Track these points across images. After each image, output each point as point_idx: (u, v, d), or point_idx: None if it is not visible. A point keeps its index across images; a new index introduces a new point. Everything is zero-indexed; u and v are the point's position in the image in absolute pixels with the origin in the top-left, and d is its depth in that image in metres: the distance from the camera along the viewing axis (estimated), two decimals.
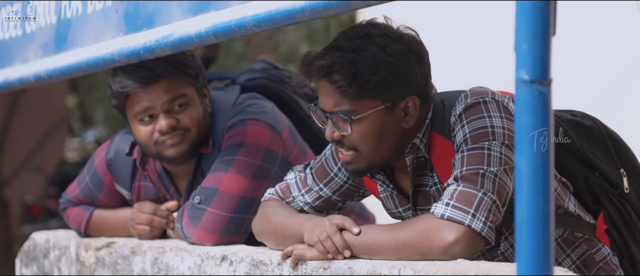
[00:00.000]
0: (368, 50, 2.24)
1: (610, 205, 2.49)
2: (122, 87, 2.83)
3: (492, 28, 4.79)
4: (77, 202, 3.20)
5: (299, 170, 2.56)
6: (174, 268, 2.72)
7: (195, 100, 2.86)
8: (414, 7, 5.19)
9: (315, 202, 2.52)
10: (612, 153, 2.54)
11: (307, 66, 2.29)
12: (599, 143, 2.52)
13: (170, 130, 2.81)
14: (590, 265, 2.45)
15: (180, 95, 2.83)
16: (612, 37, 4.45)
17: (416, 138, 2.31)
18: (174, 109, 2.83)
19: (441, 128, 2.31)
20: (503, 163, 2.18)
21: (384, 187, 2.46)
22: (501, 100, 2.26)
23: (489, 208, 2.13)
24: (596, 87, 4.51)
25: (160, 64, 2.79)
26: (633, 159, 2.57)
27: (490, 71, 4.69)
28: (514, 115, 2.20)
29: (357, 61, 2.23)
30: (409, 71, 2.26)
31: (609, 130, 2.56)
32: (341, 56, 2.24)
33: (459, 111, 2.25)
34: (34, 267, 3.42)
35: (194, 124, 2.84)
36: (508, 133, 2.21)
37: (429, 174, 2.36)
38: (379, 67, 2.23)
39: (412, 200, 2.40)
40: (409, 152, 2.32)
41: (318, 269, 2.25)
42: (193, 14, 2.39)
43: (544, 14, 1.58)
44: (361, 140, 2.27)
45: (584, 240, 2.44)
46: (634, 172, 2.56)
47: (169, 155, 2.86)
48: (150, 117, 2.83)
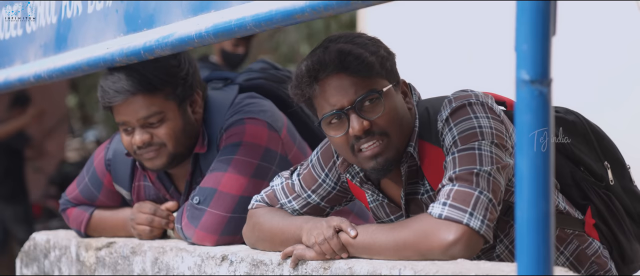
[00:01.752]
0: (358, 40, 2.30)
1: (597, 198, 2.52)
2: (102, 98, 2.86)
3: (492, 28, 4.79)
4: (76, 203, 3.20)
5: (285, 177, 2.56)
6: (174, 268, 2.72)
7: (173, 114, 2.85)
8: (414, 7, 5.19)
9: (303, 208, 2.53)
10: (596, 146, 2.57)
11: (314, 72, 2.27)
12: (582, 138, 2.55)
13: (145, 146, 2.83)
14: (583, 260, 2.47)
15: (154, 113, 2.82)
16: (612, 37, 4.45)
17: (410, 147, 2.32)
18: (150, 124, 2.83)
19: (429, 136, 2.32)
20: (495, 162, 2.18)
21: (373, 196, 2.47)
22: (485, 101, 2.28)
23: (486, 206, 2.13)
24: (596, 87, 4.51)
25: (136, 79, 2.79)
26: (616, 151, 2.60)
27: (490, 71, 4.69)
28: (499, 114, 2.24)
29: (359, 46, 2.27)
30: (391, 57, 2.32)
31: (591, 124, 2.59)
32: (342, 47, 2.27)
33: (445, 116, 2.26)
34: (34, 267, 3.42)
35: (170, 139, 2.84)
36: (496, 132, 2.22)
37: (420, 182, 2.37)
38: (376, 48, 2.28)
39: (405, 209, 2.41)
40: (404, 161, 2.33)
41: (318, 269, 2.25)
42: (193, 14, 2.39)
43: (544, 14, 1.58)
44: (389, 121, 2.26)
45: (574, 236, 2.46)
46: (617, 163, 2.59)
47: (148, 167, 2.90)
48: (130, 128, 2.85)
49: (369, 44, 2.29)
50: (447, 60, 5.14)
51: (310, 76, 2.27)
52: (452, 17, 5.15)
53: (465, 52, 5.08)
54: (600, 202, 2.51)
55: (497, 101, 2.41)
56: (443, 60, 5.18)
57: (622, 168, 2.59)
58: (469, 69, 5.00)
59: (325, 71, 2.26)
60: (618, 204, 2.54)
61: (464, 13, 5.06)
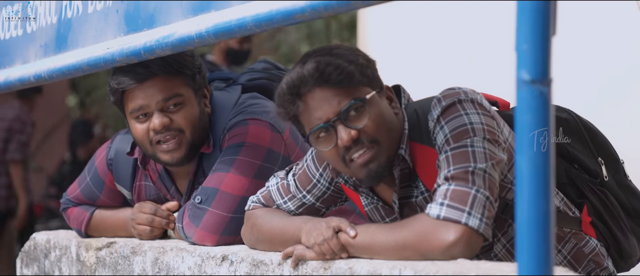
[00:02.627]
0: (336, 51, 2.29)
1: (592, 195, 2.53)
2: (118, 84, 2.83)
3: (492, 28, 4.79)
4: (77, 202, 3.20)
5: (280, 177, 2.56)
6: (175, 268, 2.72)
7: (191, 101, 2.86)
8: (414, 7, 5.19)
9: (299, 209, 2.53)
10: (589, 143, 2.57)
11: (295, 88, 2.25)
12: (575, 135, 2.56)
13: (164, 130, 2.81)
14: (581, 258, 2.47)
15: (175, 95, 2.82)
16: (612, 37, 4.45)
17: (401, 150, 2.32)
18: (169, 109, 2.82)
19: (419, 137, 2.32)
20: (489, 158, 2.18)
21: (368, 199, 2.47)
22: (474, 98, 2.28)
23: (484, 204, 2.13)
24: (596, 87, 4.51)
25: (157, 62, 2.78)
26: (609, 146, 2.61)
27: (490, 71, 4.69)
28: (489, 110, 2.24)
29: (337, 56, 2.26)
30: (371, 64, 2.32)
31: (584, 120, 2.60)
32: (320, 60, 2.25)
33: (435, 115, 2.26)
34: (34, 267, 3.43)
35: (188, 125, 2.83)
36: (488, 128, 2.22)
37: (413, 185, 2.37)
38: (354, 57, 2.28)
39: (399, 213, 2.41)
40: (396, 164, 2.33)
41: (319, 269, 2.25)
42: (193, 14, 2.39)
43: (544, 14, 1.58)
44: (377, 128, 2.26)
45: (572, 235, 2.46)
46: (611, 159, 2.59)
47: (165, 160, 2.86)
48: (145, 115, 2.83)
49: (347, 54, 2.28)
50: (447, 60, 5.13)
51: (292, 93, 2.26)
52: (452, 17, 5.15)
53: (465, 52, 5.07)
54: (595, 198, 2.52)
55: (489, 101, 2.41)
56: (443, 60, 5.17)
57: (615, 163, 2.60)
58: (469, 69, 4.99)
59: (307, 86, 2.25)
60: (613, 200, 2.55)
61: (464, 13, 5.06)
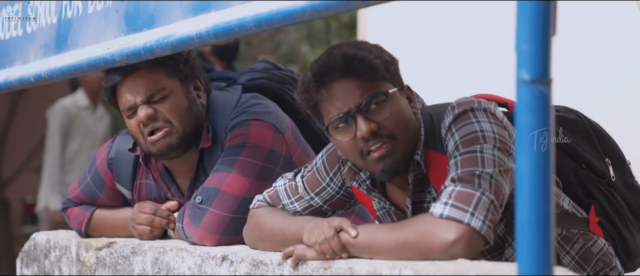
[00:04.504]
0: (363, 45, 2.34)
1: (600, 195, 2.55)
2: (106, 82, 2.87)
3: (492, 28, 4.79)
4: (78, 202, 3.21)
5: (288, 178, 2.58)
6: (175, 268, 2.72)
7: (177, 91, 2.87)
8: (414, 7, 5.19)
9: (305, 210, 2.54)
10: (596, 143, 2.60)
11: (321, 76, 2.29)
12: (583, 136, 2.58)
13: (150, 121, 2.83)
14: (589, 258, 2.48)
15: (158, 88, 2.84)
16: (612, 37, 4.46)
17: (416, 155, 2.34)
18: (154, 101, 2.84)
19: (433, 144, 2.34)
20: (497, 165, 2.19)
21: (380, 203, 2.48)
22: (488, 107, 2.30)
23: (487, 207, 2.13)
24: (596, 87, 4.51)
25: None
26: (616, 147, 2.64)
27: (490, 71, 4.70)
28: (502, 120, 2.27)
29: (363, 50, 2.30)
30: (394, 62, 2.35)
31: (591, 121, 2.62)
32: (347, 52, 2.30)
33: (448, 122, 2.28)
34: (34, 267, 3.43)
35: (175, 116, 2.84)
36: (498, 137, 2.24)
37: (426, 190, 2.39)
38: (380, 53, 2.32)
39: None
40: (411, 169, 2.34)
41: (319, 269, 2.25)
42: (193, 14, 2.39)
43: (544, 14, 1.58)
44: (396, 124, 2.28)
45: (580, 235, 2.48)
46: (618, 159, 2.62)
47: (154, 150, 2.87)
48: (134, 110, 2.86)
49: (373, 49, 2.33)
50: (447, 61, 5.14)
51: (317, 81, 2.29)
52: (452, 18, 5.15)
53: (465, 53, 5.08)
54: (603, 198, 2.54)
55: (499, 103, 2.43)
56: (443, 61, 5.18)
57: (622, 164, 2.62)
58: (469, 69, 5.00)
59: (332, 75, 2.28)
60: (620, 200, 2.58)
61: (464, 13, 5.06)
